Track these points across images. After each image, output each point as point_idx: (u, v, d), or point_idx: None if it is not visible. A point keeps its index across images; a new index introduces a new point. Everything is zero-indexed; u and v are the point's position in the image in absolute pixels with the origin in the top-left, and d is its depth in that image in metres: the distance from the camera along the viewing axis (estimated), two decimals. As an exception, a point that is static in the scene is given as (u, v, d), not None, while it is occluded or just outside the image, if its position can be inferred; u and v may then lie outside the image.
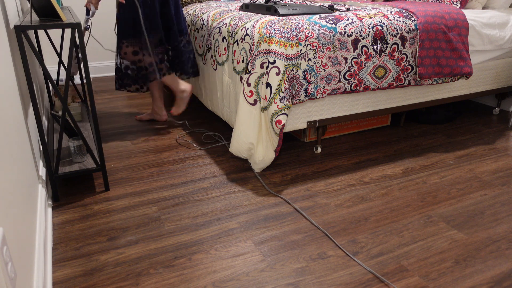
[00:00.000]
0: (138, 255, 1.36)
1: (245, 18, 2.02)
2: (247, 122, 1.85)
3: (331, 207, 1.64)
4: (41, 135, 1.57)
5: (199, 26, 2.44)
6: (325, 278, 1.26)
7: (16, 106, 1.35)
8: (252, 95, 1.84)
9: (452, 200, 1.70)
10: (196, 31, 2.51)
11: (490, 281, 1.25)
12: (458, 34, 2.11)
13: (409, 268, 1.30)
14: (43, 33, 3.46)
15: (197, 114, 2.73)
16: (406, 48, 2.01)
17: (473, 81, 2.39)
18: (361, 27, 1.90)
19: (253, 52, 1.83)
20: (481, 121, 2.59)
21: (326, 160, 2.06)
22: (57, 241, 1.43)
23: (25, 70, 1.43)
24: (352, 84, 1.96)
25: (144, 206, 1.65)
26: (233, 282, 1.25)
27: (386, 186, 1.80)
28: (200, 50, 2.47)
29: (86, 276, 1.27)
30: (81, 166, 1.72)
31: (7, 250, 0.83)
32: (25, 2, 2.68)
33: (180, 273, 1.28)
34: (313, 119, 1.99)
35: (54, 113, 1.88)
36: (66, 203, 1.66)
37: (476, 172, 1.93)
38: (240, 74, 1.95)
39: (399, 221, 1.55)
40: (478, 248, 1.40)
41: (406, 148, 2.20)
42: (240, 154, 1.93)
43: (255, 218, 1.57)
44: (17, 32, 1.38)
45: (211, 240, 1.44)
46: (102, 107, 2.90)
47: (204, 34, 2.36)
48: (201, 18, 2.45)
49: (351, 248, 1.40)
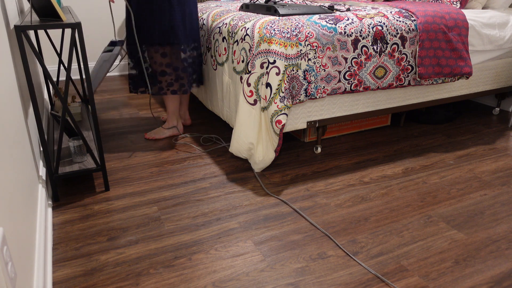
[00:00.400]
0: (138, 255, 1.36)
1: (245, 18, 2.02)
2: (247, 122, 1.85)
3: (331, 207, 1.64)
4: (41, 135, 1.57)
5: (199, 26, 2.44)
6: (325, 278, 1.26)
7: (16, 106, 1.35)
8: (252, 95, 1.84)
9: (452, 200, 1.70)
10: (196, 31, 2.51)
11: (490, 281, 1.25)
12: (458, 34, 2.11)
13: (409, 268, 1.30)
14: (43, 33, 3.46)
15: (197, 114, 2.73)
16: (406, 48, 2.01)
17: (473, 81, 2.39)
18: (361, 27, 1.90)
19: (253, 52, 1.83)
20: (481, 121, 2.59)
21: (326, 160, 2.06)
22: (57, 241, 1.43)
23: (25, 70, 1.43)
24: (352, 84, 1.96)
25: (144, 206, 1.65)
26: (233, 282, 1.25)
27: (386, 186, 1.80)
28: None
29: (86, 276, 1.27)
30: (81, 166, 1.72)
31: (7, 250, 0.83)
32: (25, 2, 2.68)
33: (180, 273, 1.28)
34: (313, 119, 1.99)
35: (54, 113, 1.88)
36: (66, 203, 1.66)
37: (476, 172, 1.93)
38: (240, 74, 1.95)
39: (399, 221, 1.55)
40: (478, 248, 1.40)
41: (406, 148, 2.20)
42: (240, 154, 1.93)
43: (255, 218, 1.57)
44: (17, 32, 1.38)
45: (211, 240, 1.44)
46: (102, 107, 2.90)
47: (204, 34, 2.36)
48: (201, 18, 2.45)
49: (351, 248, 1.40)
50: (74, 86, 2.45)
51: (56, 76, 2.81)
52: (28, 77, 1.46)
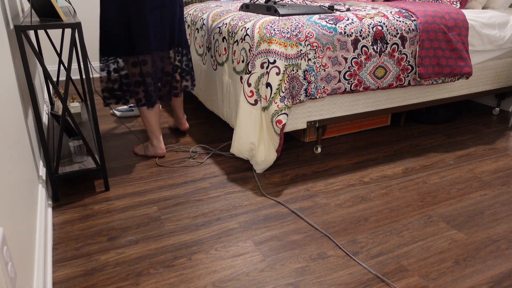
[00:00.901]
0: (138, 255, 1.36)
1: (245, 18, 2.02)
2: (247, 122, 1.85)
3: (331, 207, 1.64)
4: (41, 135, 1.57)
5: (199, 26, 2.44)
6: (325, 278, 1.26)
7: (16, 106, 1.35)
8: (252, 95, 1.84)
9: (452, 200, 1.70)
10: (196, 31, 2.51)
11: (490, 281, 1.25)
12: (458, 34, 2.11)
13: (409, 268, 1.30)
14: (43, 33, 3.46)
15: (197, 114, 2.73)
16: (406, 48, 2.01)
17: (473, 81, 2.39)
18: (361, 27, 1.90)
19: (253, 52, 1.83)
20: (481, 121, 2.59)
21: (326, 160, 2.06)
22: (57, 241, 1.43)
23: (25, 70, 1.43)
24: (352, 84, 1.96)
25: (144, 206, 1.65)
26: (233, 282, 1.25)
27: (386, 186, 1.80)
28: (200, 50, 2.47)
29: (86, 276, 1.27)
30: (81, 166, 1.72)
31: (7, 250, 0.83)
32: (25, 2, 2.68)
33: (180, 273, 1.28)
34: (313, 119, 1.99)
35: (54, 113, 1.88)
36: (66, 203, 1.66)
37: (476, 172, 1.93)
38: (240, 74, 1.95)
39: (399, 221, 1.55)
40: (478, 248, 1.40)
41: (406, 148, 2.20)
42: (241, 154, 1.93)
43: (255, 218, 1.57)
44: (17, 32, 1.38)
45: (211, 240, 1.44)
46: (102, 107, 2.90)
47: (204, 34, 2.36)
48: (201, 18, 2.45)
49: (351, 248, 1.40)
50: (74, 86, 2.45)
51: (56, 76, 2.81)
52: (28, 77, 1.46)
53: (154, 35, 1.83)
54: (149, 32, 1.81)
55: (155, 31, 1.83)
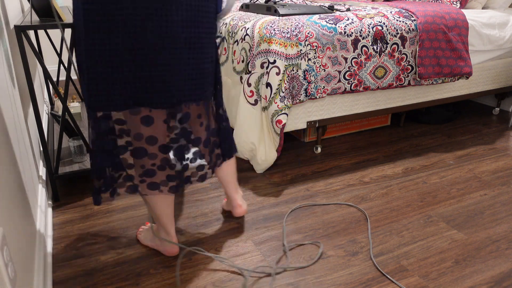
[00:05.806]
0: (138, 255, 1.36)
1: (245, 18, 2.02)
2: (247, 122, 1.85)
3: (331, 207, 1.64)
4: (41, 135, 1.57)
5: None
6: (325, 278, 1.26)
7: (16, 106, 1.35)
8: (252, 95, 1.84)
9: (452, 200, 1.70)
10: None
11: (490, 281, 1.25)
12: (458, 34, 2.11)
13: (409, 268, 1.30)
14: (43, 33, 3.46)
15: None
16: (406, 48, 2.01)
17: (473, 81, 2.39)
18: (361, 27, 1.90)
19: (253, 52, 1.83)
20: (481, 121, 2.59)
21: (326, 160, 2.06)
22: (57, 241, 1.43)
23: (25, 70, 1.43)
24: (352, 84, 1.96)
25: (144, 206, 1.65)
26: (233, 282, 1.25)
27: (386, 186, 1.80)
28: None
29: (86, 276, 1.27)
30: (81, 166, 1.72)
31: (7, 250, 0.83)
32: (25, 2, 2.68)
33: (180, 273, 1.28)
34: (313, 119, 1.99)
35: (54, 113, 1.88)
36: (66, 203, 1.66)
37: (476, 172, 1.93)
38: (240, 74, 1.95)
39: (399, 221, 1.55)
40: (478, 248, 1.40)
41: (406, 148, 2.20)
42: (242, 155, 1.93)
43: (255, 218, 1.57)
44: (17, 32, 1.38)
45: (211, 240, 1.44)
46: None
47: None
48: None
49: (351, 248, 1.40)
50: (74, 86, 2.45)
51: (56, 76, 2.81)
52: (28, 77, 1.46)
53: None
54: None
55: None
